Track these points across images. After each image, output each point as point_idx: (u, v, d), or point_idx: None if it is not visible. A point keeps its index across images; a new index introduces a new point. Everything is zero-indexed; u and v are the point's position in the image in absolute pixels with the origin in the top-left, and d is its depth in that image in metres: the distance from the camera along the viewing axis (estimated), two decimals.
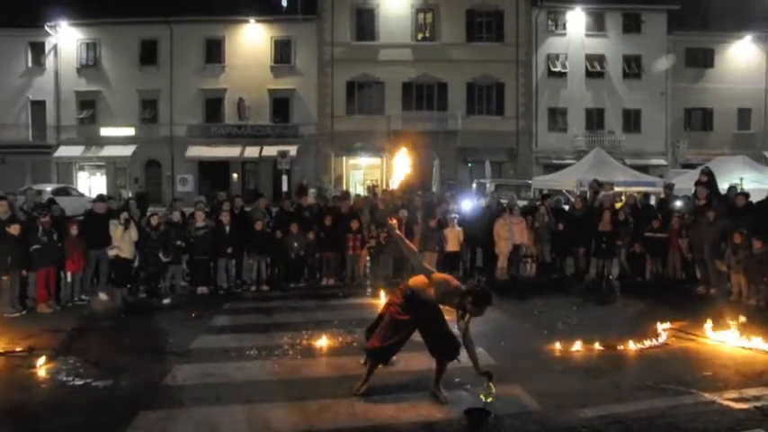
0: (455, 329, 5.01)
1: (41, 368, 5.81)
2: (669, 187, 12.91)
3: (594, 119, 31.39)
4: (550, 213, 11.43)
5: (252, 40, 30.93)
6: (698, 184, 10.46)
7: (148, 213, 10.34)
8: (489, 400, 4.73)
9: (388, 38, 30.61)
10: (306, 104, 31.10)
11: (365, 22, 30.85)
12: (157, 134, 31.28)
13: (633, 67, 31.30)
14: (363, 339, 5.53)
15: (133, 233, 9.19)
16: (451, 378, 5.49)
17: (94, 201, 10.32)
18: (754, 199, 10.30)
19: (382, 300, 8.90)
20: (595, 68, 31.17)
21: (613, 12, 31.19)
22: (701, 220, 9.68)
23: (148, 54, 31.08)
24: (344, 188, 26.69)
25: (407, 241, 5.30)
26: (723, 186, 11.53)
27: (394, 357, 6.05)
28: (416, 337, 6.92)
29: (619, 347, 6.42)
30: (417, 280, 5.01)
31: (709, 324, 6.88)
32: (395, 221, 5.58)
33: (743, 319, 6.97)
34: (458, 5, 30.62)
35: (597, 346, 6.43)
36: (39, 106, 31.47)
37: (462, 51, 30.57)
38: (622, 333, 6.78)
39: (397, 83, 30.57)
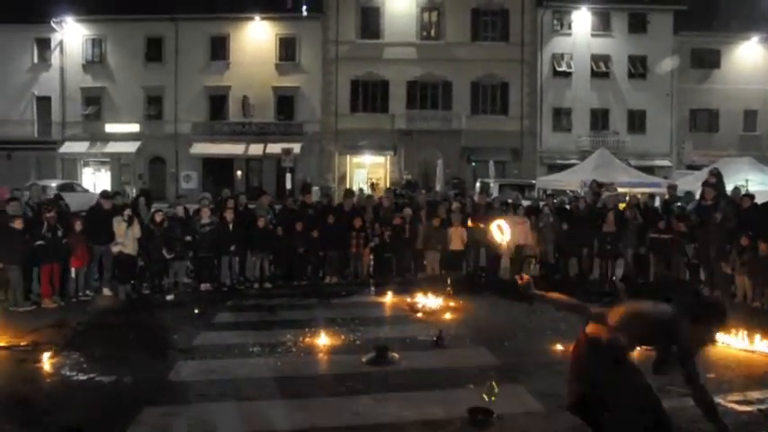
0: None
1: (46, 363, 5.83)
2: (673, 188, 12.88)
3: (599, 119, 31.25)
4: (554, 213, 11.41)
5: (257, 37, 30.92)
6: (705, 184, 10.42)
7: (152, 210, 10.37)
8: (492, 399, 4.72)
9: (393, 36, 30.55)
10: (310, 102, 31.09)
11: (370, 21, 30.81)
12: (162, 131, 31.33)
13: (639, 67, 31.13)
14: None
15: (136, 229, 9.22)
16: (454, 376, 5.50)
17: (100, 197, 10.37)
18: (759, 201, 10.26)
19: (387, 298, 8.95)
20: (600, 69, 31.01)
21: (619, 12, 31.03)
22: (707, 221, 9.64)
23: (153, 51, 31.10)
24: (348, 186, 26.73)
25: (563, 299, 3.51)
26: (728, 188, 11.48)
27: (396, 355, 6.08)
28: (419, 335, 6.96)
29: None
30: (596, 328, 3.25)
31: None
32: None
33: (747, 321, 6.94)
34: (463, 4, 30.54)
35: None
36: (44, 102, 31.54)
37: (467, 50, 30.49)
38: None
39: (402, 81, 30.51)
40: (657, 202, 14.00)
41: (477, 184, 22.93)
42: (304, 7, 29.83)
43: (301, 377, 5.56)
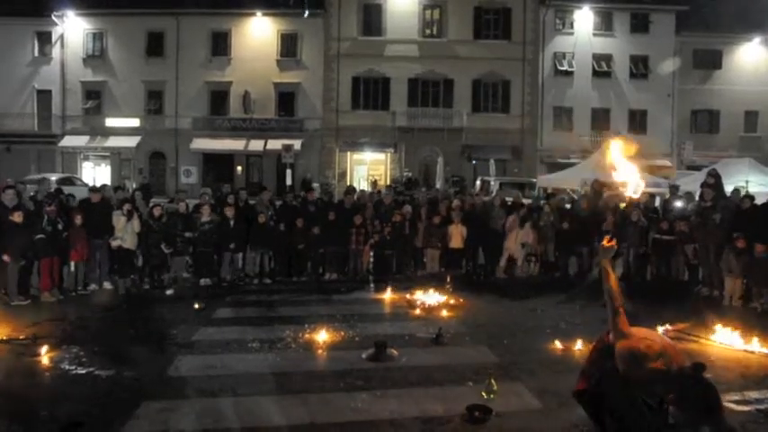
0: None
1: (45, 356, 5.83)
2: (675, 188, 12.86)
3: (600, 118, 31.25)
4: (555, 212, 11.41)
5: (258, 33, 30.86)
6: (704, 185, 10.41)
7: (151, 204, 10.36)
8: (491, 396, 4.73)
9: (395, 33, 30.50)
10: (311, 99, 31.06)
11: (372, 18, 30.75)
12: (162, 126, 31.31)
13: (640, 67, 31.12)
14: None
15: (136, 224, 9.21)
16: (453, 374, 5.51)
17: (89, 191, 10.40)
18: (759, 202, 10.25)
19: (386, 295, 8.95)
20: (602, 68, 30.98)
21: (621, 11, 31.00)
22: (706, 222, 9.64)
23: (155, 45, 31.03)
24: (348, 183, 26.73)
25: (614, 289, 3.39)
26: (728, 189, 11.46)
27: (395, 351, 6.08)
28: (419, 332, 6.96)
29: None
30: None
31: (711, 326, 6.87)
32: None
33: (745, 322, 6.95)
34: (465, 2, 30.48)
35: None
36: (44, 96, 31.47)
37: (469, 48, 30.46)
38: None
39: (403, 79, 30.47)
40: (657, 202, 13.98)
41: (478, 182, 22.93)
42: (305, 3, 29.74)
43: (300, 373, 5.55)
